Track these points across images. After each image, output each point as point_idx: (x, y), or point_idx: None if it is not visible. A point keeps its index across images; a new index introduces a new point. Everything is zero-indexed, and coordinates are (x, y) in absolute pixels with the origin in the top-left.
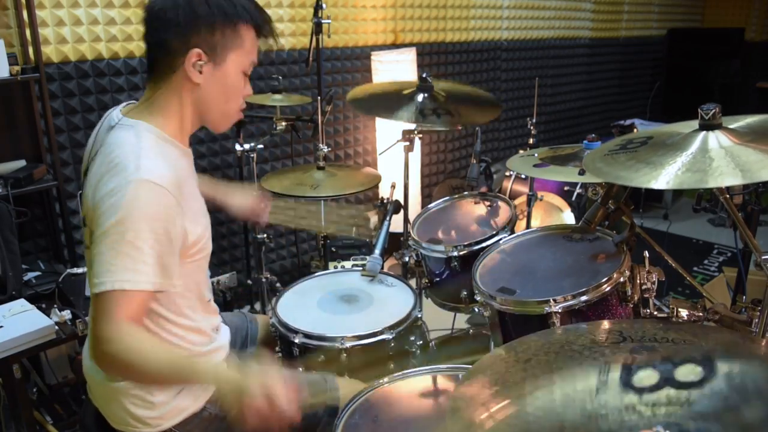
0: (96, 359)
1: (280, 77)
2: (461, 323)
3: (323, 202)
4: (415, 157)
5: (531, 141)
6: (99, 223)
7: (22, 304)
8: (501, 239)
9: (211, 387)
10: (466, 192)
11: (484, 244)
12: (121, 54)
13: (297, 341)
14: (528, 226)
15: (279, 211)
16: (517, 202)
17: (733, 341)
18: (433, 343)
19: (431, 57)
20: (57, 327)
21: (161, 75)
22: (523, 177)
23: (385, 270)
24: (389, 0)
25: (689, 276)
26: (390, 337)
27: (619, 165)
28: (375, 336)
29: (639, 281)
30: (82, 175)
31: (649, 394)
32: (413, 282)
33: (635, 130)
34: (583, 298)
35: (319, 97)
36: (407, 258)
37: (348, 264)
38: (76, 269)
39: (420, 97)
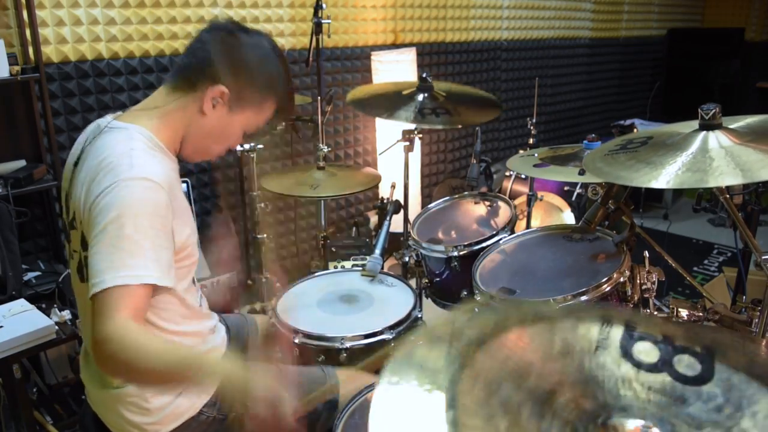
0: (98, 362)
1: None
2: None
3: (323, 202)
4: (415, 157)
5: (531, 141)
6: (95, 223)
7: (22, 304)
8: (501, 239)
9: (209, 390)
10: (466, 192)
11: (484, 244)
12: (121, 54)
13: (297, 341)
14: (528, 226)
15: None
16: (517, 202)
17: (735, 349)
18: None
19: (431, 57)
20: (57, 327)
21: (181, 84)
22: (523, 177)
23: (385, 270)
24: (389, 0)
25: (689, 276)
26: (390, 337)
27: (619, 165)
28: (375, 336)
29: (639, 281)
30: (64, 181)
31: (647, 373)
32: (413, 282)
33: (635, 130)
34: (583, 298)
35: (319, 97)
36: (407, 258)
37: (348, 264)
38: None
39: (420, 97)
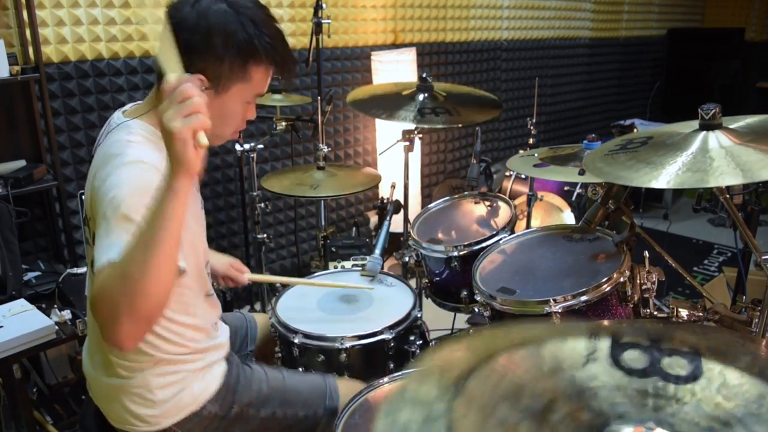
0: (105, 336)
1: (279, 77)
2: (461, 323)
3: (323, 202)
4: (415, 157)
5: (531, 141)
6: (96, 211)
7: (22, 304)
8: (501, 239)
9: (213, 386)
10: (466, 192)
11: (484, 244)
12: (121, 54)
13: (297, 341)
14: (528, 226)
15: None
16: (517, 202)
17: (725, 344)
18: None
19: (431, 57)
20: (57, 327)
21: None
22: (523, 177)
23: (385, 270)
24: (389, 0)
25: (689, 276)
26: (390, 337)
27: (619, 165)
28: (375, 336)
29: (639, 281)
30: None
31: (639, 379)
32: (413, 282)
33: (635, 130)
34: (583, 298)
35: (319, 97)
36: (407, 258)
37: (348, 264)
38: (76, 269)
39: (420, 97)
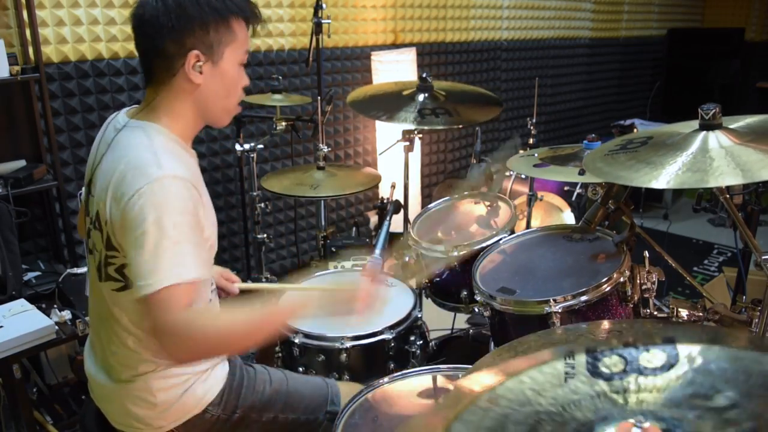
0: (171, 354)
1: (280, 77)
2: (461, 323)
3: (323, 202)
4: (415, 157)
5: (531, 141)
6: (133, 226)
7: (22, 304)
8: (501, 239)
9: (216, 389)
10: (466, 192)
11: (484, 244)
12: (121, 54)
13: (297, 341)
14: (528, 226)
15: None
16: (517, 202)
17: (695, 330)
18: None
19: (431, 57)
20: (57, 327)
21: (160, 80)
22: (523, 177)
23: (385, 270)
24: (389, 0)
25: (689, 276)
26: (390, 337)
27: (619, 165)
28: (375, 336)
29: (639, 281)
30: (86, 180)
31: (618, 381)
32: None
33: (635, 130)
34: (583, 298)
35: (319, 97)
36: (407, 258)
37: (348, 264)
38: (76, 269)
39: (420, 98)
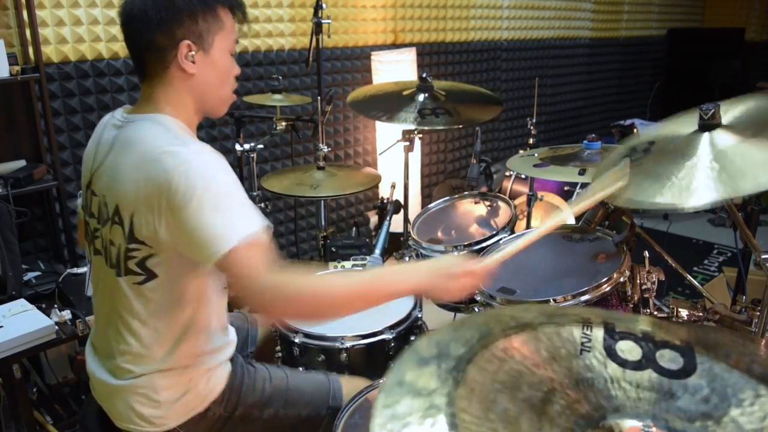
0: (267, 313)
1: (280, 77)
2: None
3: (323, 202)
4: (415, 157)
5: (531, 141)
6: (183, 204)
7: (22, 304)
8: (501, 239)
9: (218, 387)
10: (466, 192)
11: (484, 244)
12: (121, 54)
13: (297, 341)
14: (528, 226)
15: None
16: (517, 202)
17: (715, 341)
18: None
19: (431, 57)
20: (57, 327)
21: (154, 74)
22: (523, 177)
23: None
24: (389, 0)
25: (689, 276)
26: (390, 337)
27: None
28: (375, 336)
29: (639, 281)
30: (84, 182)
31: (633, 371)
32: None
33: (635, 130)
34: (583, 298)
35: (319, 97)
36: (407, 258)
37: (348, 264)
38: (76, 269)
39: (420, 98)
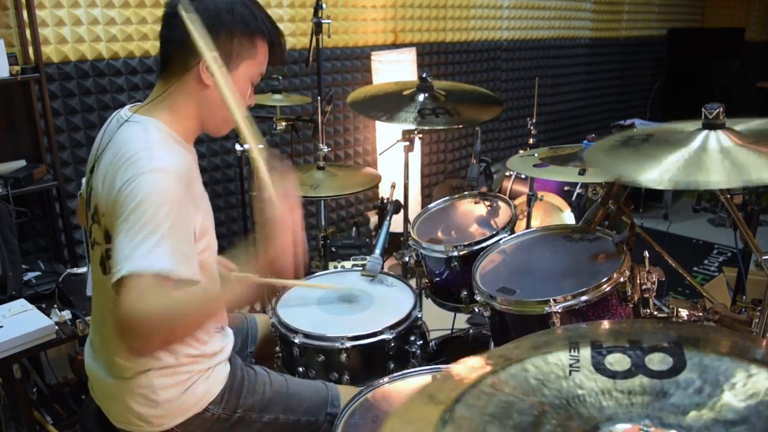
0: (127, 344)
1: (280, 77)
2: (461, 323)
3: (323, 202)
4: (415, 157)
5: (531, 141)
6: (118, 214)
7: (22, 304)
8: (501, 239)
9: (216, 388)
10: (466, 192)
11: (484, 244)
12: (121, 54)
13: (297, 341)
14: (528, 226)
15: None
16: (517, 202)
17: (699, 334)
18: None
19: (431, 57)
20: (57, 327)
21: (174, 72)
22: (523, 177)
23: (385, 270)
24: (389, 0)
25: (689, 276)
26: (390, 337)
27: (622, 160)
28: (375, 336)
29: (639, 281)
30: (87, 172)
31: (623, 380)
32: (413, 282)
33: (635, 130)
34: (583, 298)
35: (319, 97)
36: (407, 258)
37: (348, 264)
38: (76, 269)
39: (420, 98)
